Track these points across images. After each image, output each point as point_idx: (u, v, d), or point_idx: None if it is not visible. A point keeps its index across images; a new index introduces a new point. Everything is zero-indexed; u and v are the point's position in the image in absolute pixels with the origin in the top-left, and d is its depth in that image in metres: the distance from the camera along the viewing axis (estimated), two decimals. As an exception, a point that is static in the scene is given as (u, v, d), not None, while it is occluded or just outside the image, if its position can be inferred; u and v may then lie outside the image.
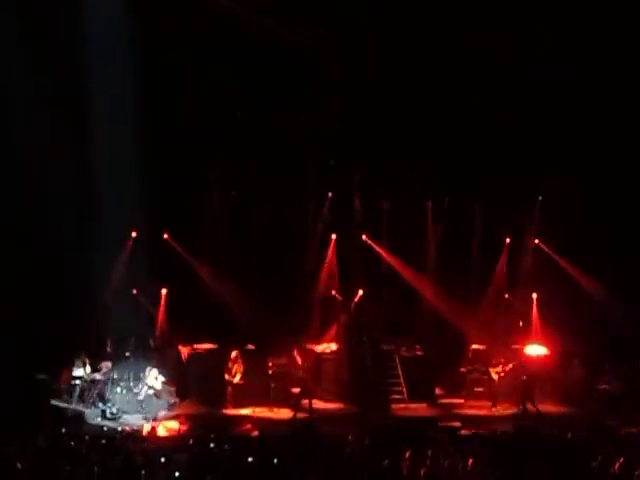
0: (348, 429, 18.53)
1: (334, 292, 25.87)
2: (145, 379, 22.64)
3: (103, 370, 22.67)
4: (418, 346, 25.36)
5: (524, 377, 23.81)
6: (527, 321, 25.63)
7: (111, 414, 22.00)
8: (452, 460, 15.06)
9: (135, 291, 24.25)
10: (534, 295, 25.79)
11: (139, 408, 22.35)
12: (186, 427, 20.81)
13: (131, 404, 22.43)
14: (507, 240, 26.77)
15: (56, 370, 22.45)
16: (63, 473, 14.38)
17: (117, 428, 20.22)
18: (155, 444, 17.55)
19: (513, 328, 25.44)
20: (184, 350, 24.42)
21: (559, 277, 25.82)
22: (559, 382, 24.46)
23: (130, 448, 16.21)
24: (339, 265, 26.42)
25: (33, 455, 15.28)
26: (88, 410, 22.08)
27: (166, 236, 25.35)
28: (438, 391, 24.96)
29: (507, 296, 26.31)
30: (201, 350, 24.50)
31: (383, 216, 26.87)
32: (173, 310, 24.74)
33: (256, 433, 19.79)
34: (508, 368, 24.14)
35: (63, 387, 22.33)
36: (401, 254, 26.41)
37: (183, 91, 24.49)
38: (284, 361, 24.07)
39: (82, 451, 15.89)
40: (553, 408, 23.60)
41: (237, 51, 24.34)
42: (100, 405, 22.23)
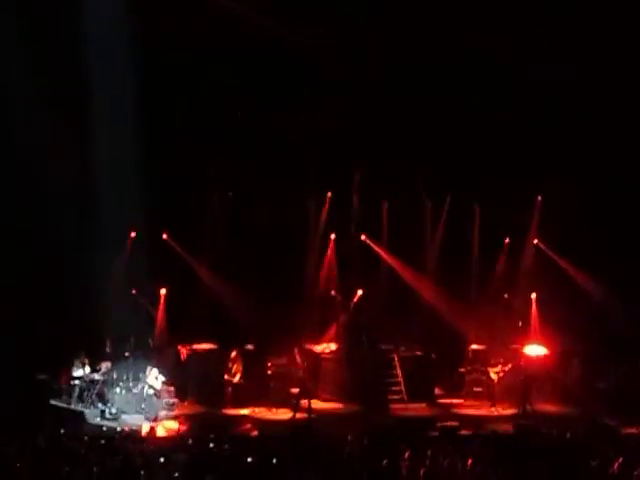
0: (347, 429, 18.50)
1: (333, 292, 25.86)
2: (145, 378, 22.63)
3: (102, 370, 22.61)
4: (417, 346, 25.36)
5: (522, 377, 23.86)
6: (526, 321, 25.61)
7: (110, 414, 21.97)
8: (451, 460, 15.06)
9: (134, 291, 24.24)
10: (533, 295, 25.79)
11: (138, 408, 22.32)
12: (185, 427, 20.82)
13: (130, 404, 22.36)
14: (507, 240, 26.78)
15: (56, 370, 22.45)
16: (62, 473, 14.38)
17: (116, 428, 20.19)
18: (154, 444, 17.49)
19: (512, 328, 25.33)
20: (183, 350, 24.41)
21: (559, 277, 25.80)
22: (558, 382, 24.40)
23: (129, 448, 16.18)
24: (338, 265, 26.45)
25: (32, 455, 15.26)
26: (87, 410, 22.06)
27: (165, 236, 25.34)
28: (437, 391, 24.97)
29: (506, 296, 26.28)
30: (200, 350, 24.45)
31: (383, 216, 26.89)
32: (172, 310, 24.75)
33: (255, 433, 19.83)
34: (507, 368, 24.11)
35: (63, 387, 22.35)
36: (401, 254, 26.40)
37: (183, 91, 24.48)
38: (283, 361, 24.07)
39: (81, 451, 15.85)
40: (552, 408, 23.58)
41: (237, 51, 24.34)
42: (99, 405, 22.18)
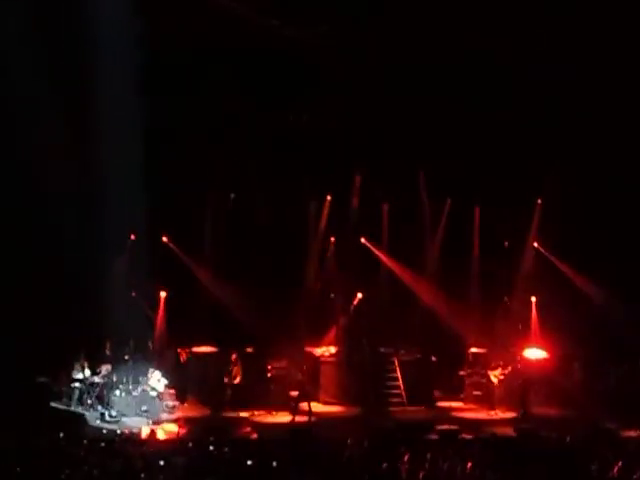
0: (347, 432, 18.58)
1: (333, 295, 25.85)
2: (147, 381, 22.62)
3: (102, 373, 22.64)
4: (417, 349, 25.35)
5: (520, 381, 23.85)
6: (526, 324, 25.61)
7: (110, 417, 21.98)
8: (451, 463, 15.08)
9: (134, 294, 24.24)
10: (533, 298, 25.78)
11: (138, 411, 22.31)
12: (185, 430, 20.81)
13: (130, 407, 22.38)
14: (506, 242, 26.76)
15: (56, 372, 22.44)
16: (62, 476, 14.37)
17: (116, 431, 20.22)
18: (154, 447, 17.51)
19: (512, 331, 25.38)
20: (183, 353, 24.41)
21: (558, 280, 25.79)
22: (558, 385, 24.36)
23: (129, 451, 16.25)
24: (338, 268, 26.42)
25: (32, 458, 15.28)
26: (87, 413, 22.06)
27: (165, 239, 25.33)
28: (437, 394, 24.99)
29: (506, 299, 26.29)
30: (200, 353, 24.49)
31: (383, 218, 26.86)
32: (172, 313, 24.75)
33: (255, 436, 19.85)
34: (507, 371, 24.11)
35: (63, 390, 22.34)
36: (400, 256, 26.38)
37: (183, 91, 24.44)
38: (283, 364, 24.10)
39: (81, 454, 15.89)
40: (552, 411, 23.54)
41: (237, 51, 24.28)
42: (99, 408, 22.20)
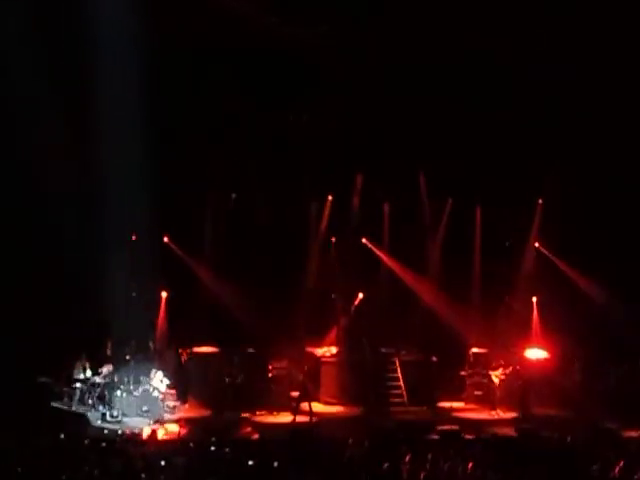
0: (348, 432, 18.58)
1: (334, 295, 25.84)
2: (150, 381, 22.60)
3: (104, 373, 22.63)
4: (418, 349, 25.37)
5: (520, 381, 23.85)
6: (527, 324, 25.61)
7: (111, 417, 21.94)
8: (452, 463, 15.08)
9: (135, 294, 24.21)
10: (534, 298, 25.76)
11: (139, 411, 22.29)
12: (186, 430, 20.81)
13: (132, 407, 22.35)
14: (507, 242, 26.75)
15: (57, 372, 22.43)
16: (63, 476, 14.36)
17: (117, 431, 20.20)
18: (155, 447, 17.52)
19: (513, 331, 25.39)
20: (184, 353, 24.39)
21: (559, 279, 25.81)
22: (559, 385, 24.38)
23: (130, 451, 16.24)
24: (339, 268, 26.42)
25: (34, 458, 15.27)
26: (89, 413, 22.04)
27: (166, 239, 25.34)
28: (438, 394, 24.93)
29: (507, 299, 26.28)
30: (201, 353, 24.46)
31: (384, 218, 26.85)
32: (173, 313, 24.75)
33: (256, 436, 19.88)
34: (508, 371, 24.11)
35: (64, 390, 22.32)
36: (401, 256, 26.38)
37: (183, 91, 24.43)
38: (284, 364, 24.09)
39: (82, 454, 15.88)
40: (553, 411, 23.48)
41: (237, 51, 24.27)
42: (101, 408, 22.18)
